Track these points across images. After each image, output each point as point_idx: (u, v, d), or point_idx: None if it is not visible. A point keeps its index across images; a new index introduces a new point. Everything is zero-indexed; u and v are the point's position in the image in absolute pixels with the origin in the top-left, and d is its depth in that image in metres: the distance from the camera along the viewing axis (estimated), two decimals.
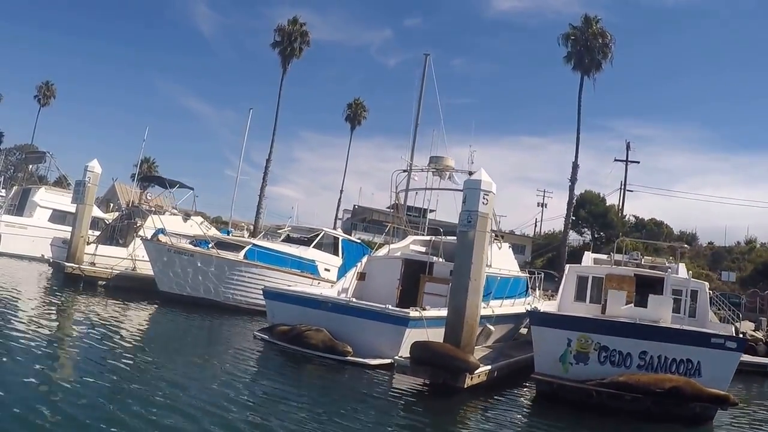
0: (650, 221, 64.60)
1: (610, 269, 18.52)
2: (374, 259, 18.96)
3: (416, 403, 11.28)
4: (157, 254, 20.50)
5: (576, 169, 53.18)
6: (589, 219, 61.64)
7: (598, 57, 52.65)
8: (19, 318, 14.40)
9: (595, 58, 52.56)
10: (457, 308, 12.28)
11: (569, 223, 55.24)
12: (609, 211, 62.06)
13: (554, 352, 12.45)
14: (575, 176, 53.16)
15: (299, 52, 59.90)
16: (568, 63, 53.58)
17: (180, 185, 27.00)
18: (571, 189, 53.60)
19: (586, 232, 63.96)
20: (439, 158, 19.65)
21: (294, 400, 10.30)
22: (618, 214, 60.96)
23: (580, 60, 52.57)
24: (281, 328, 14.86)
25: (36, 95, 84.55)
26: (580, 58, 52.54)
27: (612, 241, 56.89)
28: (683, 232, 70.65)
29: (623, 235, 57.66)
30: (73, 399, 8.57)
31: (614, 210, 62.50)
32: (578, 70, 52.91)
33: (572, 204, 54.15)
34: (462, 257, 12.50)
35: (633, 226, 63.14)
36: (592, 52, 52.27)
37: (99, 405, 8.43)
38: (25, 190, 33.74)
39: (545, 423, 10.99)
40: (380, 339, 13.92)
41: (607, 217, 61.38)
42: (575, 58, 52.89)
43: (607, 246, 58.42)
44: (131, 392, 9.48)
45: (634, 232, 60.64)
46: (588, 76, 52.97)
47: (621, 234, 58.48)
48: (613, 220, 61.04)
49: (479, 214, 12.33)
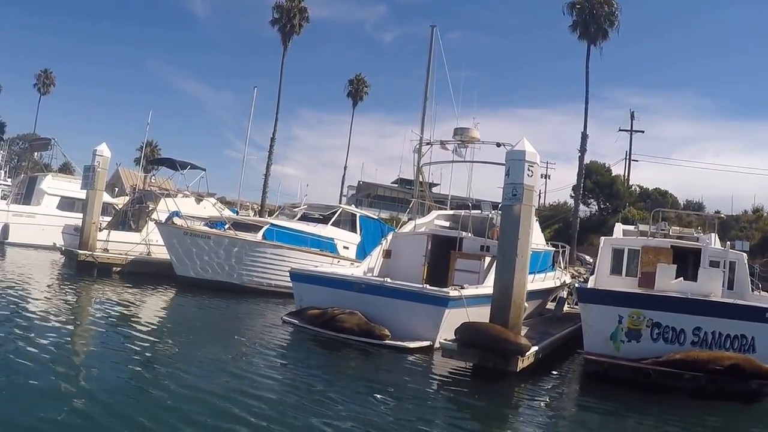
0: (655, 191, 63.83)
1: (646, 241, 17.86)
2: (400, 235, 18.31)
3: (463, 387, 10.72)
4: (172, 238, 19.83)
5: (585, 139, 52.67)
6: (596, 189, 60.90)
7: (604, 25, 51.96)
8: (35, 308, 13.86)
9: (602, 26, 51.86)
10: (504, 287, 11.63)
11: (580, 194, 54.67)
12: (615, 181, 61.39)
13: (605, 330, 11.88)
14: (584, 146, 52.67)
15: (299, 28, 58.89)
16: (574, 32, 52.82)
17: (191, 166, 26.24)
18: (581, 159, 53.12)
19: (592, 202, 63.27)
20: (464, 129, 18.90)
21: (331, 387, 9.75)
22: (624, 184, 60.37)
23: (585, 29, 51.84)
24: (311, 312, 14.20)
25: (35, 83, 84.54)
26: (585, 26, 51.78)
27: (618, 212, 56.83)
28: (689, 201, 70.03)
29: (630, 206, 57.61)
30: (97, 386, 8.33)
31: (620, 180, 61.91)
32: (584, 39, 52.12)
33: (582, 174, 53.54)
34: (508, 233, 11.84)
35: (638, 196, 62.52)
36: (597, 20, 51.48)
37: (122, 393, 8.23)
38: (32, 179, 32.94)
39: (600, 404, 10.39)
40: (418, 320, 13.29)
41: (614, 188, 60.65)
42: (581, 27, 52.13)
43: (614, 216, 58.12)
44: (156, 380, 9.09)
45: (639, 202, 60.12)
46: (594, 45, 52.27)
47: (627, 204, 58.33)
48: (619, 190, 60.44)
49: (525, 186, 11.65)
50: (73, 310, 14.89)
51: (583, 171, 53.86)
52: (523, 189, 11.64)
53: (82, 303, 16.28)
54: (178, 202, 22.66)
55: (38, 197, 30.85)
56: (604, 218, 59.65)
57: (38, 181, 31.56)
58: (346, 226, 23.83)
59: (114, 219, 26.58)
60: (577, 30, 52.44)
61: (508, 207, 11.79)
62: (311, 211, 24.49)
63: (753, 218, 58.16)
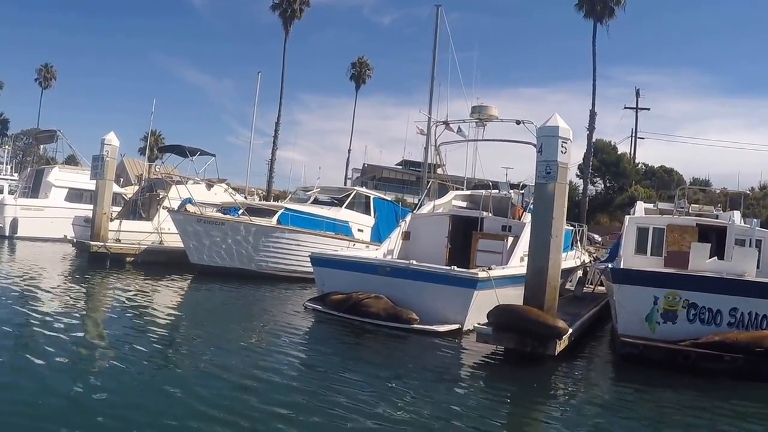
0: (660, 168, 63.42)
1: (671, 219, 17.44)
2: (419, 217, 17.93)
3: (495, 371, 10.49)
4: (186, 225, 19.44)
5: (594, 117, 52.48)
6: (602, 168, 60.48)
7: (610, 3, 51.51)
8: (51, 301, 13.59)
9: (608, 4, 51.41)
10: (539, 268, 11.24)
11: (589, 172, 54.33)
12: (621, 159, 60.97)
13: (640, 311, 11.49)
14: (593, 124, 52.53)
15: (300, 13, 58.64)
16: (580, 10, 52.51)
17: (201, 152, 25.81)
18: (590, 138, 52.96)
19: (598, 181, 62.89)
20: (482, 107, 18.46)
21: (359, 373, 9.45)
22: (630, 162, 59.92)
23: (592, 7, 51.44)
24: (335, 297, 13.87)
25: (36, 78, 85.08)
26: (592, 4, 51.37)
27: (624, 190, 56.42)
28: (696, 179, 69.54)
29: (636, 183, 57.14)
30: (116, 378, 8.15)
31: (626, 158, 61.44)
32: (590, 17, 51.90)
33: (591, 153, 53.21)
34: (542, 212, 11.43)
35: (643, 174, 62.08)
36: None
37: (139, 381, 8.11)
38: (39, 171, 32.41)
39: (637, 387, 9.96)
40: (445, 303, 12.96)
41: (620, 166, 60.27)
42: (587, 4, 51.70)
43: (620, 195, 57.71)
44: (178, 370, 8.88)
45: (644, 180, 59.71)
46: (600, 23, 51.94)
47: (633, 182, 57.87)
48: (626, 168, 60.02)
49: (559, 164, 11.24)
50: (90, 301, 14.65)
51: (592, 149, 53.54)
52: (557, 166, 11.23)
53: (97, 293, 16.00)
54: (189, 189, 22.29)
55: (46, 190, 30.40)
56: (610, 197, 59.36)
57: (45, 174, 31.09)
58: (360, 208, 23.46)
59: (124, 208, 26.20)
60: (583, 8, 52.10)
61: (542, 185, 11.38)
62: (324, 194, 24.12)
63: (760, 195, 57.80)
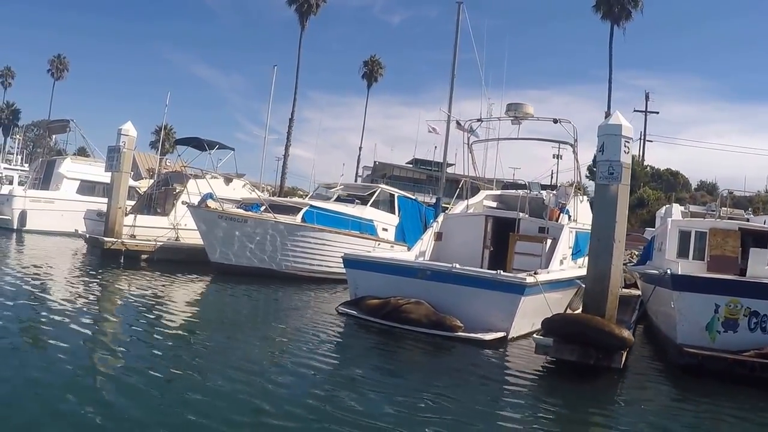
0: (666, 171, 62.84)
1: (714, 223, 16.67)
2: (453, 217, 17.17)
3: (551, 384, 9.81)
4: (207, 222, 18.61)
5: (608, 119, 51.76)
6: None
7: (628, 6, 51.29)
8: (63, 299, 12.76)
9: (625, 6, 51.22)
10: (600, 274, 10.49)
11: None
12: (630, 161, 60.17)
13: (700, 319, 10.80)
14: None
15: (316, 8, 58.28)
16: (597, 12, 52.33)
17: (219, 146, 24.98)
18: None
19: None
20: (518, 105, 17.63)
21: (399, 385, 8.78)
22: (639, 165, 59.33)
23: (609, 8, 51.21)
24: (371, 302, 13.05)
25: (49, 69, 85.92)
26: (609, 6, 51.13)
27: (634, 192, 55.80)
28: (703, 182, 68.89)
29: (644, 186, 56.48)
30: (132, 380, 7.74)
31: (636, 160, 60.80)
32: (608, 18, 51.78)
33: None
34: (604, 215, 10.69)
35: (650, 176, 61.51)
36: (621, 0, 50.93)
37: (153, 384, 7.68)
38: (50, 162, 31.53)
39: (700, 400, 9.33)
40: (490, 310, 12.19)
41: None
42: (604, 6, 51.44)
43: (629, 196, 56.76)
44: (195, 377, 8.17)
45: (651, 182, 59.14)
46: (618, 25, 51.76)
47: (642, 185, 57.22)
48: (635, 170, 59.31)
49: (622, 164, 10.52)
50: (105, 301, 13.91)
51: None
52: (621, 167, 10.54)
53: (112, 293, 15.16)
54: (206, 184, 21.50)
55: (57, 182, 29.55)
56: None
57: (57, 165, 30.22)
58: (384, 206, 22.65)
59: (138, 203, 25.32)
60: (601, 10, 51.93)
61: (604, 187, 10.66)
62: (348, 191, 23.33)
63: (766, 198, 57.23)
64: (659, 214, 24.72)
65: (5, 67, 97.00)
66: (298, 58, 57.55)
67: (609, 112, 51.81)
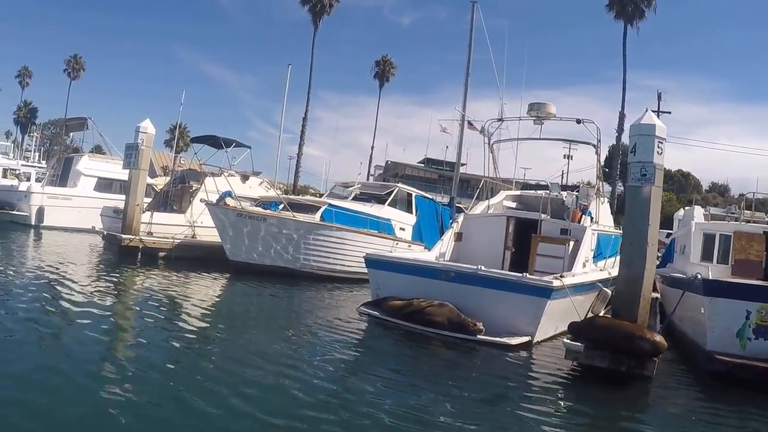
0: (677, 172, 62.34)
1: (738, 226, 16.42)
2: (473, 217, 16.95)
3: (573, 390, 9.54)
4: (225, 220, 18.49)
5: (623, 119, 51.84)
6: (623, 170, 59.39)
7: (641, 5, 51.05)
8: (81, 295, 12.79)
9: (639, 6, 51.01)
10: (633, 278, 10.28)
11: (617, 174, 53.32)
12: None
13: (731, 326, 10.53)
14: (622, 126, 51.86)
15: (329, 8, 58.25)
16: (610, 11, 52.17)
17: (236, 144, 24.89)
18: (618, 139, 52.29)
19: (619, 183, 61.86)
20: (540, 105, 17.39)
21: (425, 390, 8.52)
22: None
23: (622, 8, 51.03)
24: (394, 303, 12.87)
25: (65, 69, 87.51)
26: (622, 5, 50.94)
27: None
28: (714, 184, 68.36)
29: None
30: (144, 381, 7.60)
31: None
32: (621, 18, 51.63)
33: (620, 155, 52.34)
34: (636, 218, 10.46)
35: None
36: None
37: (170, 391, 7.43)
38: (67, 159, 31.62)
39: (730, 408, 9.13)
40: (515, 313, 11.96)
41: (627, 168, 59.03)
42: (617, 5, 51.27)
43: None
44: (211, 378, 8.01)
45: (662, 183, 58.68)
46: (631, 24, 51.63)
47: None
48: None
49: (656, 166, 10.28)
50: (124, 297, 13.89)
51: (620, 151, 52.67)
52: (654, 169, 10.28)
53: (132, 289, 15.15)
54: (222, 182, 21.42)
55: (74, 178, 29.63)
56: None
57: (74, 162, 30.28)
58: (402, 206, 22.48)
59: (154, 200, 25.30)
60: (614, 9, 51.79)
61: (637, 188, 10.43)
62: (365, 190, 23.17)
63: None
64: (677, 216, 24.44)
65: (23, 67, 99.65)
66: (311, 57, 57.59)
67: (623, 113, 51.76)
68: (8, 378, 7.14)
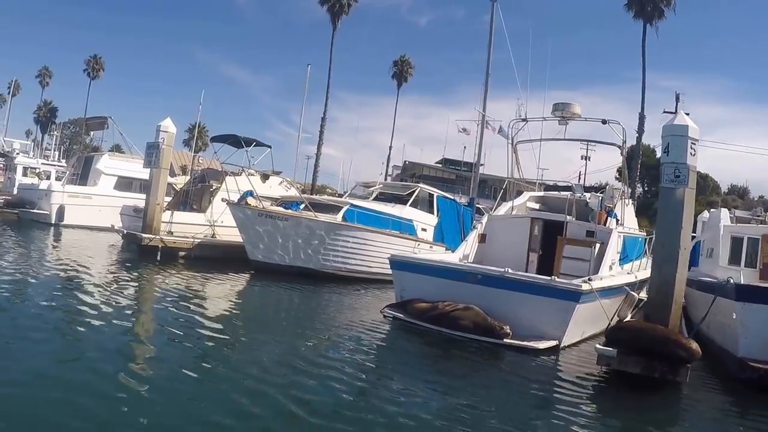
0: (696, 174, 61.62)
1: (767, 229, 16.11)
2: (497, 218, 16.74)
3: (603, 397, 9.39)
4: (247, 220, 18.38)
5: (642, 120, 51.42)
6: (641, 171, 58.94)
7: (660, 5, 50.69)
8: (101, 296, 12.61)
9: (658, 5, 50.64)
10: (664, 282, 10.08)
11: (637, 176, 52.90)
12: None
13: (764, 332, 10.23)
14: (642, 127, 51.44)
15: (347, 8, 58.27)
16: (629, 10, 51.84)
17: (257, 143, 24.80)
18: (638, 140, 51.85)
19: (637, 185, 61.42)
20: (565, 105, 17.12)
21: (451, 395, 8.37)
22: None
23: (642, 7, 50.68)
24: (419, 305, 12.66)
25: (85, 69, 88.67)
26: (641, 5, 50.59)
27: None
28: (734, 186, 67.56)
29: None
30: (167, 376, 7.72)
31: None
32: (640, 17, 51.28)
33: (640, 156, 51.94)
34: (669, 220, 10.27)
35: None
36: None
37: (186, 382, 7.58)
38: (88, 158, 31.72)
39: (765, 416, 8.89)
40: (542, 317, 11.75)
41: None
42: (636, 5, 50.93)
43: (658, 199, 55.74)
44: (231, 380, 7.89)
45: None
46: (650, 24, 51.26)
47: None
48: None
49: (689, 167, 10.08)
50: (145, 297, 13.95)
51: (640, 152, 52.28)
52: (688, 170, 10.08)
53: (152, 288, 15.14)
54: (243, 181, 21.35)
55: (95, 177, 29.68)
56: (649, 200, 57.87)
57: (95, 161, 30.35)
58: (423, 206, 22.30)
59: (174, 199, 25.24)
60: (633, 8, 51.47)
61: (670, 190, 10.24)
62: (387, 191, 23.02)
63: None
64: (701, 218, 24.08)
65: (43, 67, 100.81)
66: (330, 57, 57.69)
67: (643, 113, 51.34)
68: (29, 374, 7.13)
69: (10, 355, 7.77)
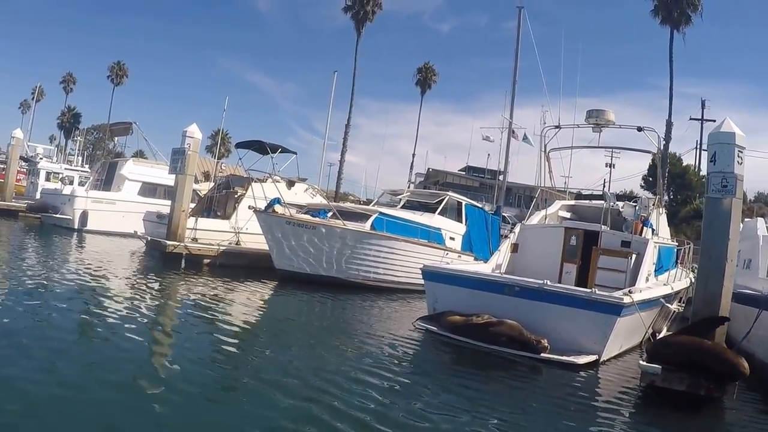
0: None
1: None
2: (530, 228, 16.40)
3: (649, 416, 8.92)
4: (273, 227, 18.12)
5: (670, 127, 50.96)
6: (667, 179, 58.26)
7: (687, 10, 50.32)
8: (125, 303, 12.49)
9: (685, 11, 50.28)
10: (710, 295, 9.71)
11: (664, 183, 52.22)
12: (687, 171, 58.67)
13: None
14: (669, 135, 50.86)
15: (372, 15, 58.39)
16: (656, 17, 51.48)
17: (282, 150, 24.61)
18: (666, 147, 51.21)
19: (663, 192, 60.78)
20: (599, 112, 16.78)
21: (486, 411, 8.00)
22: (696, 175, 57.74)
23: (668, 13, 50.29)
24: (453, 318, 12.32)
25: (109, 75, 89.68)
26: (668, 11, 50.18)
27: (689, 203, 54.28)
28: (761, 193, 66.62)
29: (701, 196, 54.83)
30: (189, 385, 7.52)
31: (692, 170, 59.15)
32: (667, 23, 50.88)
33: (667, 163, 51.31)
34: (716, 231, 9.87)
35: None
36: (680, 4, 50.01)
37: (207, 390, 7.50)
38: (112, 164, 31.78)
39: None
40: (582, 331, 11.39)
41: (685, 178, 58.05)
42: (663, 11, 50.50)
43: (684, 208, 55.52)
44: (260, 385, 7.85)
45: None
46: (678, 30, 50.84)
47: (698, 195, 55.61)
48: (691, 180, 57.75)
49: (736, 176, 9.70)
50: (169, 304, 13.74)
51: (667, 159, 51.67)
52: (735, 179, 9.69)
53: (177, 296, 14.96)
54: (268, 188, 21.15)
55: (119, 183, 29.70)
56: (674, 209, 57.16)
57: (119, 167, 30.40)
58: (452, 215, 21.91)
59: (198, 205, 25.10)
60: (659, 14, 51.09)
61: (717, 200, 9.85)
62: (415, 198, 22.70)
63: None
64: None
65: (67, 73, 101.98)
66: (354, 64, 57.73)
67: (671, 120, 50.78)
68: (54, 376, 7.21)
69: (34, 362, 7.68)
